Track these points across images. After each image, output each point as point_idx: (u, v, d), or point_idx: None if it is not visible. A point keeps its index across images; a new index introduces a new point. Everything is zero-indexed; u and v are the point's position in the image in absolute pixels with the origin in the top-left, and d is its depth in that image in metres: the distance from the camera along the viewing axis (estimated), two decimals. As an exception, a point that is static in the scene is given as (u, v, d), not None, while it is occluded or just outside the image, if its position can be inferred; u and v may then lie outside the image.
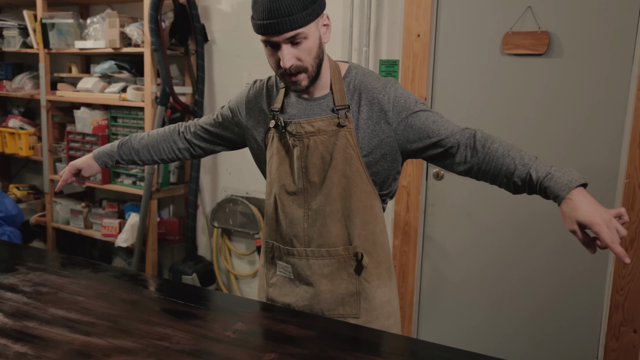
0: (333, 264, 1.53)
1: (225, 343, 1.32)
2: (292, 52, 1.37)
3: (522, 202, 2.55)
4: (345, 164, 1.47)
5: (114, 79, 3.33)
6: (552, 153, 2.46)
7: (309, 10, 1.34)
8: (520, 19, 2.44)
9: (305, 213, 1.52)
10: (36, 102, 3.83)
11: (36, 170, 4.14)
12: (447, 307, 2.81)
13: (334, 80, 1.49)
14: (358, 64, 1.56)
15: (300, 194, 1.52)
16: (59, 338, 1.32)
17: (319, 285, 1.53)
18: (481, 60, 2.56)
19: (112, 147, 1.76)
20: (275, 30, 1.33)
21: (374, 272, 1.56)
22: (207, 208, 3.40)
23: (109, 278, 1.72)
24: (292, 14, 1.32)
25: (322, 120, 1.47)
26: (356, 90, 1.49)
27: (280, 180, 1.53)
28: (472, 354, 1.31)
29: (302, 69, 1.41)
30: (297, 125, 1.48)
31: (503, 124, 2.55)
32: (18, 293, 1.58)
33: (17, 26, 3.63)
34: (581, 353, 2.52)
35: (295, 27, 1.33)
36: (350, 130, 1.46)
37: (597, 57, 2.33)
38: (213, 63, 3.24)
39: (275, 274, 1.62)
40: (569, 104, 2.41)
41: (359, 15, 2.73)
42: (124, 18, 3.15)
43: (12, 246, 2.10)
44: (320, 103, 1.49)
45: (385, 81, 1.49)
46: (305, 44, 1.37)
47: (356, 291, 1.54)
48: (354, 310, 1.55)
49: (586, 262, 2.46)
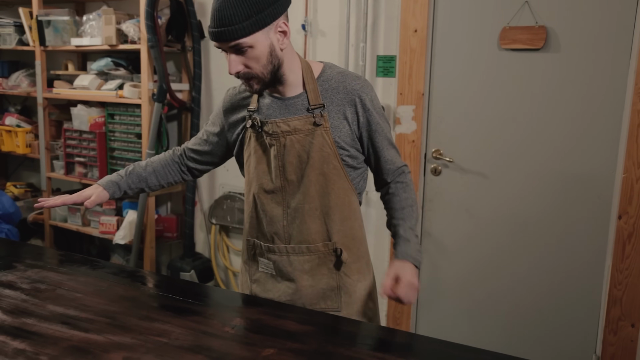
0: (313, 260, 1.56)
1: (224, 339, 1.32)
2: (238, 60, 1.41)
3: (520, 198, 2.56)
4: (322, 162, 1.50)
5: (111, 76, 3.32)
6: (550, 148, 2.46)
7: (252, 21, 1.35)
8: (517, 14, 2.43)
9: (284, 211, 1.55)
10: (33, 100, 3.81)
11: (33, 168, 4.13)
12: (445, 302, 2.81)
13: (306, 80, 1.52)
14: (333, 64, 1.60)
15: (278, 192, 1.55)
16: (57, 334, 1.32)
17: (300, 281, 1.57)
18: (479, 55, 2.56)
19: (118, 177, 1.68)
20: (217, 38, 1.38)
21: (354, 267, 1.60)
22: (204, 205, 3.39)
23: (107, 275, 1.72)
24: (233, 24, 1.34)
25: (298, 119, 1.50)
26: (333, 89, 1.52)
27: (259, 179, 1.57)
28: (471, 349, 1.31)
29: (251, 76, 1.44)
30: (274, 124, 1.51)
31: (501, 119, 2.55)
32: (16, 290, 1.57)
33: (12, 23, 3.61)
34: (580, 348, 2.52)
35: (236, 38, 1.36)
36: (326, 128, 1.50)
37: (594, 51, 2.33)
38: (210, 59, 3.23)
39: (258, 270, 1.65)
40: (566, 99, 2.41)
41: (355, 10, 2.72)
42: (120, 15, 3.14)
43: (10, 244, 2.09)
44: (295, 102, 1.52)
45: (363, 82, 1.55)
46: (252, 52, 1.40)
47: (337, 285, 1.58)
48: (335, 304, 1.58)
49: (584, 258, 2.46)
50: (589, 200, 2.43)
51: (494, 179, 2.61)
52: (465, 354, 1.29)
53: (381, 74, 2.73)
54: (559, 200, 2.48)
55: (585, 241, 2.46)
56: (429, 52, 2.65)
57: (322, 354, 1.25)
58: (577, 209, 2.46)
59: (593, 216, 2.43)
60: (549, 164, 2.48)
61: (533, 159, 2.51)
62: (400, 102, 2.68)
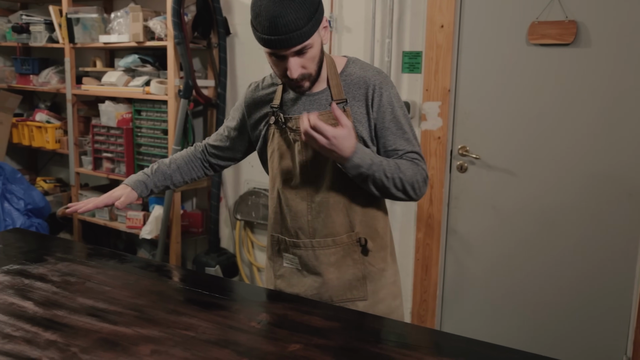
0: (338, 252, 1.56)
1: (250, 333, 1.33)
2: (299, 62, 1.40)
3: (547, 196, 2.52)
4: None
5: (138, 72, 3.36)
6: (579, 144, 2.42)
7: (313, 21, 1.35)
8: (546, 8, 2.39)
9: (309, 205, 1.56)
10: (62, 96, 3.88)
11: (62, 163, 4.21)
12: (470, 300, 2.79)
13: (330, 75, 1.52)
14: (357, 58, 1.59)
15: (302, 187, 1.55)
16: (87, 327, 1.34)
17: (326, 274, 1.57)
18: (506, 51, 2.52)
19: (144, 176, 1.70)
20: (283, 46, 1.34)
21: (378, 256, 1.61)
22: (229, 201, 3.41)
23: (134, 269, 1.74)
24: (299, 29, 1.33)
25: (322, 114, 1.49)
26: (354, 84, 1.52)
27: (283, 175, 1.57)
28: (497, 347, 1.30)
29: (307, 76, 1.44)
30: (298, 120, 1.51)
31: (528, 115, 2.51)
32: (47, 282, 1.60)
33: (43, 21, 3.68)
34: (609, 348, 2.48)
35: (303, 41, 1.35)
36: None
37: (626, 46, 2.28)
38: (235, 56, 3.25)
39: (282, 265, 1.65)
40: (596, 95, 2.37)
41: (381, 6, 2.71)
42: (147, 12, 3.17)
43: (41, 237, 2.13)
44: (319, 98, 1.53)
45: (383, 78, 1.53)
46: (311, 52, 1.40)
47: (362, 275, 1.59)
48: (361, 294, 1.59)
49: (614, 256, 2.42)
50: (619, 197, 2.38)
51: (521, 176, 2.57)
52: (491, 352, 1.28)
53: (407, 70, 2.71)
54: (587, 197, 2.44)
55: (616, 239, 2.41)
56: (455, 48, 2.62)
57: (347, 350, 1.25)
58: (606, 207, 2.41)
59: (623, 214, 2.38)
60: (577, 161, 2.44)
61: (561, 156, 2.47)
62: (426, 98, 2.66)
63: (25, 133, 3.90)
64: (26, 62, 3.90)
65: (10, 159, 4.18)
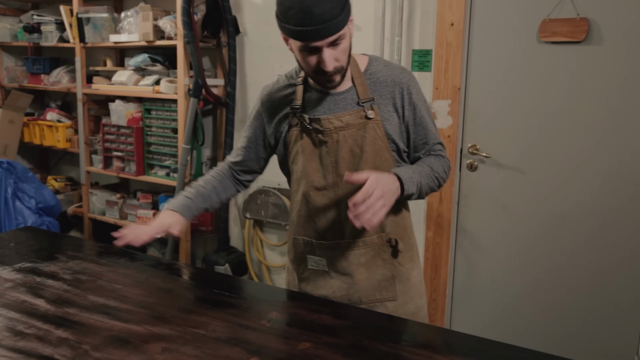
0: (369, 253, 1.55)
1: (260, 331, 1.33)
2: (332, 54, 1.37)
3: (558, 194, 2.50)
4: (375, 155, 1.49)
5: (148, 71, 3.38)
6: (590, 143, 2.40)
7: (345, 10, 1.34)
8: (558, 6, 2.38)
9: (338, 207, 1.53)
10: (72, 96, 3.91)
11: (73, 162, 4.23)
12: (480, 299, 2.78)
13: (354, 74, 1.50)
14: (377, 56, 1.58)
15: (330, 188, 1.53)
16: (98, 324, 1.35)
17: (356, 275, 1.55)
18: (517, 48, 2.51)
19: (188, 200, 1.60)
20: (319, 36, 1.31)
21: (407, 255, 1.61)
22: (239, 199, 3.42)
23: (145, 267, 1.75)
24: (334, 18, 1.30)
25: (350, 114, 1.48)
26: (381, 82, 1.51)
27: (308, 177, 1.54)
28: (507, 346, 1.29)
29: (339, 69, 1.41)
30: (326, 121, 1.49)
31: (539, 113, 2.50)
32: (59, 280, 1.62)
33: (54, 21, 3.70)
34: (620, 347, 2.46)
35: (339, 30, 1.33)
36: (377, 122, 1.48)
37: (638, 44, 2.26)
38: (244, 55, 3.25)
39: (307, 268, 1.63)
40: (608, 93, 2.35)
41: (391, 4, 2.70)
42: (157, 11, 3.18)
43: (52, 235, 2.15)
44: (344, 97, 1.50)
45: (409, 76, 1.54)
46: (343, 43, 1.38)
47: (391, 275, 1.58)
48: (390, 294, 1.58)
49: (626, 256, 2.40)
50: (631, 197, 2.36)
51: (532, 175, 2.56)
52: (501, 351, 1.27)
53: (417, 68, 2.70)
54: (598, 196, 2.42)
55: (627, 239, 2.39)
56: (465, 46, 2.61)
57: (357, 348, 1.25)
58: (618, 206, 2.39)
59: (634, 212, 2.36)
60: (588, 159, 2.42)
61: (572, 154, 2.45)
62: (436, 96, 2.65)
63: (37, 132, 3.93)
64: (37, 62, 3.92)
65: (21, 158, 4.21)
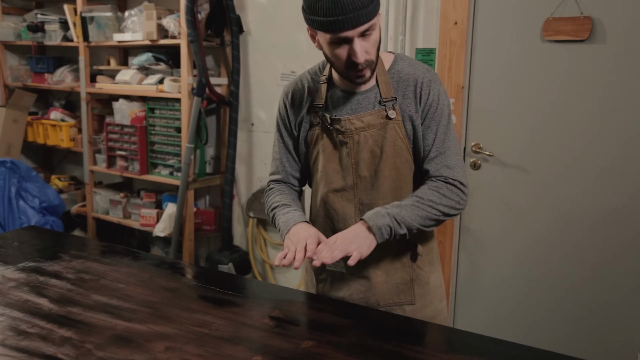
0: (387, 256, 1.53)
1: (263, 330, 1.33)
2: (364, 46, 1.34)
3: (562, 194, 2.50)
4: (395, 156, 1.47)
5: (151, 70, 3.38)
6: (594, 142, 2.40)
7: (376, 1, 1.32)
8: (561, 4, 2.37)
9: (357, 208, 1.52)
10: (76, 95, 3.91)
11: (76, 162, 4.24)
12: (483, 298, 2.77)
13: (379, 72, 1.47)
14: (404, 55, 1.55)
15: (349, 189, 1.51)
16: (101, 323, 1.35)
17: (374, 278, 1.54)
18: (520, 47, 2.50)
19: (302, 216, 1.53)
20: (351, 25, 1.29)
21: (426, 259, 1.58)
22: (242, 198, 3.42)
23: (148, 266, 1.75)
24: (365, 6, 1.28)
25: (371, 114, 1.46)
26: (404, 82, 1.47)
27: (328, 178, 1.53)
28: (511, 344, 1.29)
29: (370, 63, 1.38)
30: (347, 121, 1.47)
31: (543, 112, 2.49)
32: (62, 280, 1.62)
33: (58, 20, 3.71)
34: (624, 345, 2.45)
35: (370, 19, 1.31)
36: (398, 122, 1.46)
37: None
38: (248, 54, 3.25)
39: (325, 269, 1.61)
40: (611, 92, 2.34)
41: (394, 3, 2.69)
42: (161, 10, 3.19)
43: (56, 235, 2.15)
44: (367, 96, 1.48)
45: (432, 75, 1.48)
46: (374, 35, 1.35)
47: (410, 279, 1.55)
48: (408, 297, 1.56)
49: (629, 254, 2.39)
50: (633, 194, 2.35)
51: (535, 174, 2.55)
52: (505, 350, 1.27)
53: (420, 67, 2.70)
54: (601, 194, 2.42)
55: (631, 238, 2.38)
56: (469, 45, 2.60)
57: (360, 347, 1.25)
58: (620, 204, 2.38)
59: (638, 210, 2.35)
60: (592, 158, 2.42)
61: (575, 153, 2.45)
62: (439, 95, 2.65)
63: (40, 131, 3.94)
64: (41, 61, 3.93)
65: (25, 157, 4.22)
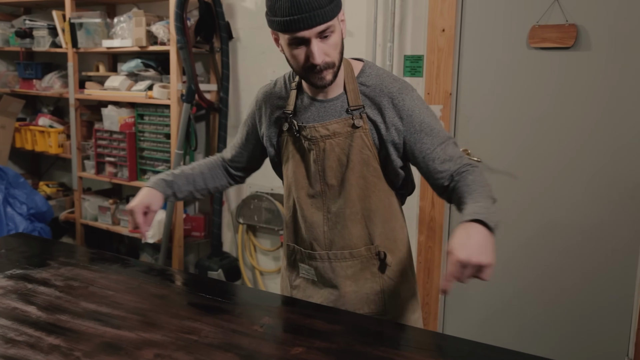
0: (356, 265, 1.53)
1: (253, 337, 1.33)
2: (322, 48, 1.34)
3: (549, 197, 2.52)
4: (362, 164, 1.47)
5: (141, 77, 3.38)
6: (580, 148, 2.42)
7: (335, 3, 1.33)
8: (547, 12, 2.40)
9: (325, 216, 1.52)
10: (65, 101, 3.90)
11: (65, 168, 4.22)
12: (473, 302, 2.79)
13: (347, 80, 1.47)
14: (373, 63, 1.54)
15: (318, 197, 1.52)
16: (90, 331, 1.35)
17: (343, 287, 1.54)
18: (507, 54, 2.53)
19: (166, 175, 1.63)
20: (307, 25, 1.29)
21: (397, 269, 1.56)
22: (232, 204, 3.42)
23: (137, 273, 1.74)
24: (322, 7, 1.29)
25: (337, 122, 1.45)
26: (371, 90, 1.46)
27: (298, 184, 1.53)
28: (500, 349, 1.30)
29: (330, 65, 1.38)
30: (312, 129, 1.47)
31: (530, 118, 2.52)
32: (50, 287, 1.61)
33: (46, 26, 3.69)
34: (611, 350, 2.48)
35: (327, 20, 1.31)
36: (365, 130, 1.45)
37: (626, 49, 2.29)
38: (238, 60, 3.26)
39: (298, 276, 1.62)
40: (597, 98, 2.37)
41: (383, 10, 2.72)
42: (150, 17, 3.19)
43: (44, 241, 2.14)
44: (334, 104, 1.47)
45: (400, 85, 1.46)
46: (333, 37, 1.35)
47: (380, 289, 1.55)
48: (379, 309, 1.55)
49: (615, 257, 2.42)
50: (620, 200, 2.38)
51: (522, 179, 2.57)
52: (494, 355, 1.28)
53: (408, 73, 2.72)
54: (589, 200, 2.44)
55: (617, 241, 2.41)
56: (456, 52, 2.63)
57: (350, 353, 1.26)
58: (608, 209, 2.41)
59: (625, 216, 2.38)
60: (578, 164, 2.44)
61: (562, 159, 2.47)
62: (428, 102, 2.67)
63: (28, 137, 3.91)
64: (29, 67, 3.91)
65: (13, 164, 4.19)
